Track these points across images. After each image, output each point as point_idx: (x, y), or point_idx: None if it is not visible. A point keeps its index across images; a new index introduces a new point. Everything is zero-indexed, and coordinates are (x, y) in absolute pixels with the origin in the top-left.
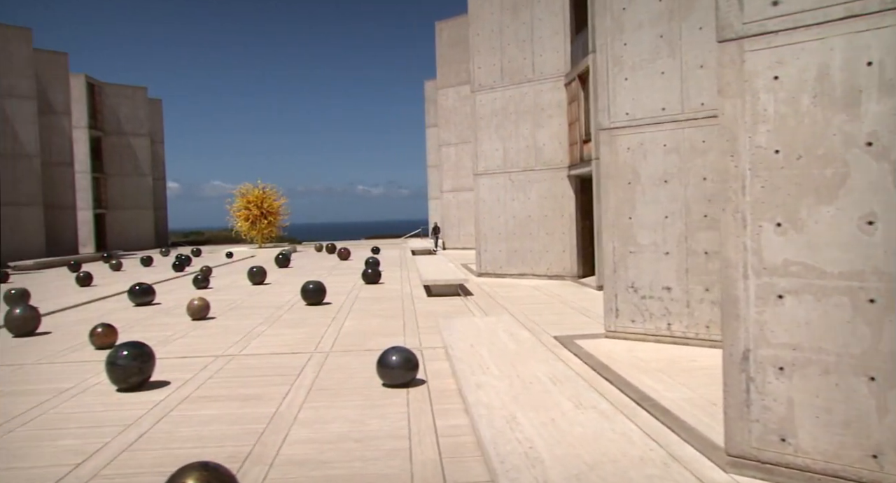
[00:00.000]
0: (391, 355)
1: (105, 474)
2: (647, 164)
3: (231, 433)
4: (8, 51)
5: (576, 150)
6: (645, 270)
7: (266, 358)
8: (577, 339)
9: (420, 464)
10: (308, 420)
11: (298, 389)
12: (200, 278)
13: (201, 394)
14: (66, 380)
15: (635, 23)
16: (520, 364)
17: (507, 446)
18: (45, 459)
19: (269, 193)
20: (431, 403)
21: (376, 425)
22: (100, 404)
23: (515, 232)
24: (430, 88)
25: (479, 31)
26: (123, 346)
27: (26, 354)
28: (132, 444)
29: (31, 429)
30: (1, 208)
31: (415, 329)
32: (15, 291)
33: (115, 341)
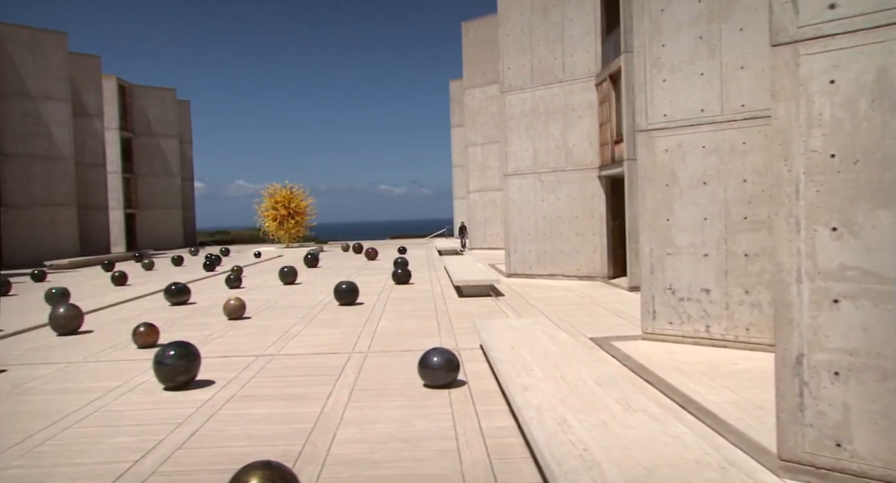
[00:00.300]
0: (433, 356)
1: (163, 471)
2: (686, 165)
3: (280, 432)
4: (44, 54)
5: (607, 150)
6: (683, 272)
7: (306, 358)
8: (614, 341)
9: (470, 465)
10: (354, 420)
11: (341, 390)
12: (233, 278)
13: (246, 393)
14: (113, 378)
15: (674, 24)
16: (563, 366)
17: (562, 449)
18: (102, 456)
19: (296, 193)
20: (474, 404)
21: (422, 426)
22: (149, 403)
23: (545, 232)
24: (455, 88)
25: (508, 31)
26: (170, 345)
27: (72, 353)
28: (185, 443)
29: (85, 426)
30: (38, 209)
31: (450, 330)
32: (56, 290)
33: (156, 340)
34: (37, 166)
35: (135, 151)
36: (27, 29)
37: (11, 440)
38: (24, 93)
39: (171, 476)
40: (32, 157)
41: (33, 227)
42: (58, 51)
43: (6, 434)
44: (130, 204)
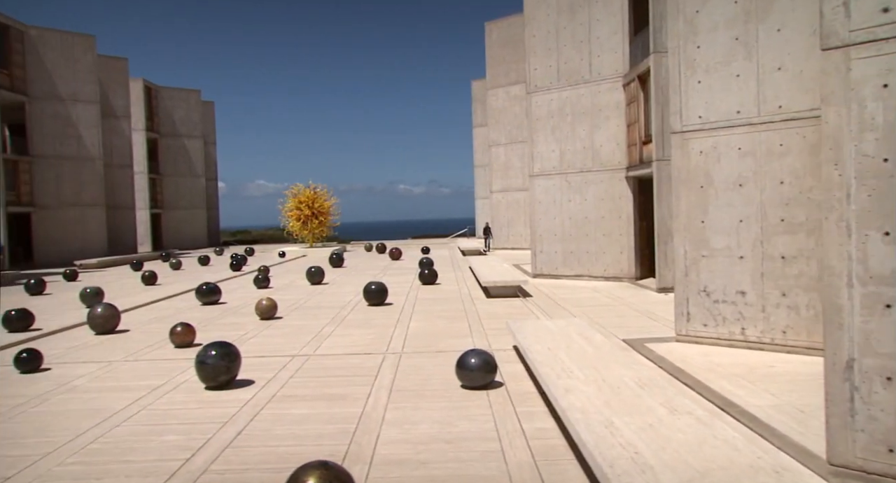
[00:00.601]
0: (470, 358)
1: (215, 469)
2: (721, 167)
3: (324, 432)
4: (73, 57)
5: (635, 151)
6: (718, 274)
7: (341, 358)
8: (648, 343)
9: (516, 466)
10: (396, 421)
11: (380, 390)
12: (261, 278)
13: (286, 393)
14: (155, 377)
15: (709, 25)
16: (602, 368)
17: (612, 451)
18: (154, 454)
19: (319, 193)
20: (514, 406)
21: (464, 427)
22: (193, 402)
23: (572, 233)
24: (477, 88)
25: (535, 32)
26: (211, 345)
27: (112, 352)
28: (233, 442)
29: (134, 424)
30: (68, 209)
31: (481, 331)
32: (90, 290)
33: (193, 340)
34: (66, 167)
35: (160, 152)
36: (58, 32)
37: (64, 437)
38: (55, 95)
39: (223, 474)
40: (62, 159)
41: (63, 227)
42: (87, 53)
43: (58, 431)
44: (156, 204)
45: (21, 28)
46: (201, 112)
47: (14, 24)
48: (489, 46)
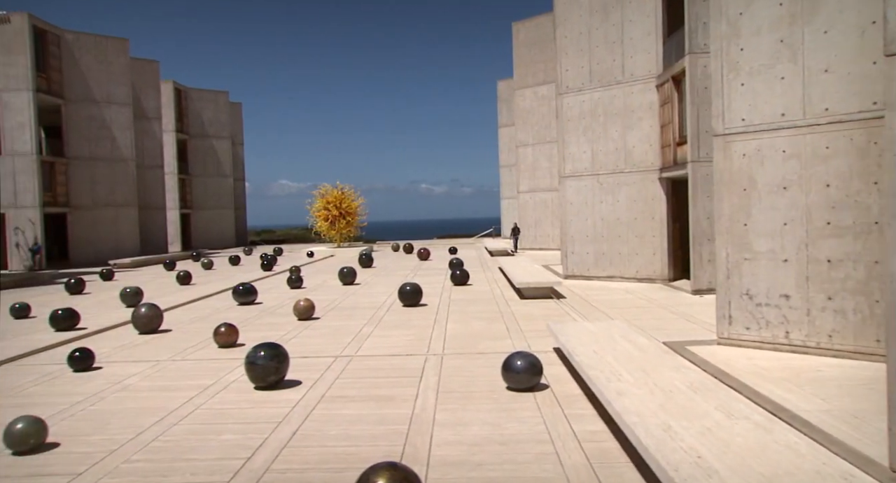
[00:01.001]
0: (516, 360)
1: (276, 469)
2: (765, 170)
3: (378, 433)
4: (107, 60)
5: (668, 152)
6: (761, 278)
7: (383, 359)
8: (689, 346)
9: (572, 469)
10: (447, 422)
11: (426, 392)
12: (294, 278)
13: (335, 394)
14: (203, 377)
15: (753, 28)
16: (651, 371)
17: (675, 456)
18: (215, 452)
19: (347, 194)
20: (562, 408)
21: (515, 429)
22: (244, 402)
23: (603, 234)
24: (503, 88)
25: (566, 33)
26: (261, 346)
27: (158, 351)
28: (290, 442)
29: (191, 423)
30: (102, 209)
31: (519, 332)
32: (130, 289)
33: (236, 340)
34: (100, 168)
35: (189, 153)
36: (92, 36)
37: (126, 435)
38: (90, 98)
39: (284, 473)
40: (97, 160)
41: (97, 227)
42: (120, 57)
43: (118, 429)
44: (185, 204)
45: (58, 33)
46: (229, 113)
47: (51, 29)
48: (516, 47)
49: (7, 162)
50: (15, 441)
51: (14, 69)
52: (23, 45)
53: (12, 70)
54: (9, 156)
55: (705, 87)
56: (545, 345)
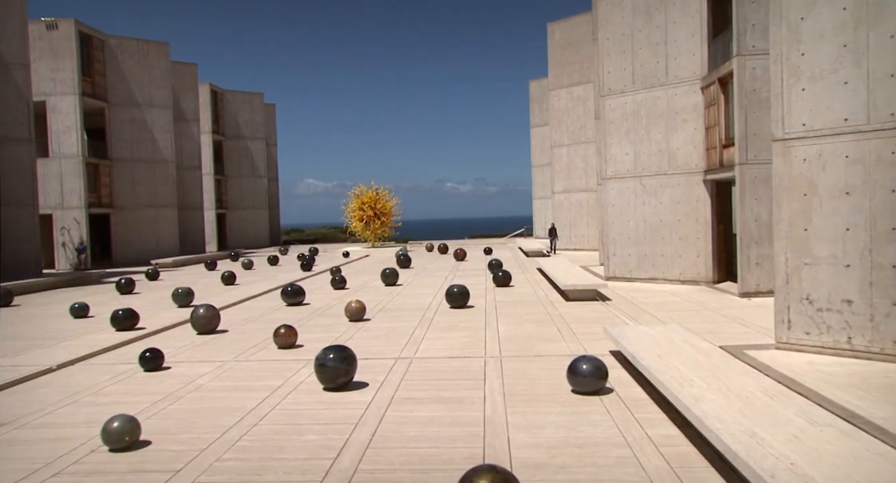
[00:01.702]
0: (582, 364)
1: (364, 469)
2: (827, 175)
3: (454, 435)
4: (149, 64)
5: (714, 154)
6: (822, 283)
7: (443, 361)
8: (747, 350)
9: (654, 472)
10: (520, 425)
11: (493, 394)
12: (337, 279)
13: (403, 396)
14: (271, 378)
15: (815, 33)
16: (721, 377)
17: (766, 462)
18: (302, 452)
19: (381, 194)
20: (631, 412)
21: (589, 432)
22: (317, 403)
23: (646, 236)
24: (535, 88)
25: (608, 35)
26: (330, 349)
27: (221, 352)
28: (371, 443)
29: (271, 423)
30: (143, 210)
31: (571, 335)
32: (181, 290)
33: (295, 341)
34: (142, 170)
35: (225, 153)
36: (135, 40)
37: (211, 434)
38: (132, 101)
39: (373, 474)
40: (138, 162)
41: (139, 227)
42: (161, 60)
43: (203, 428)
44: (221, 204)
45: (102, 38)
46: (264, 114)
47: (96, 34)
48: (551, 47)
49: (54, 164)
50: (112, 439)
51: (62, 74)
52: (70, 50)
53: (60, 75)
54: (56, 158)
55: (754, 89)
56: (601, 348)
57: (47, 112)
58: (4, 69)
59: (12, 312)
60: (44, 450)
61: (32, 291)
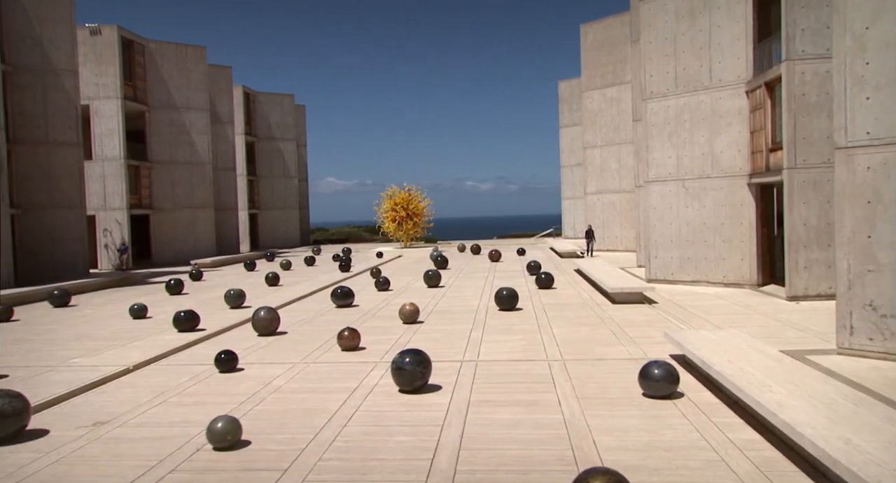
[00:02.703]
0: (654, 368)
1: (464, 469)
2: (891, 183)
3: (540, 438)
4: (187, 68)
5: (760, 158)
6: (886, 289)
7: (507, 365)
8: (808, 355)
9: (746, 476)
10: (601, 428)
11: (567, 398)
12: (382, 281)
13: (479, 398)
14: (344, 379)
15: (881, 42)
16: (798, 382)
17: (869, 469)
18: (398, 453)
19: (413, 195)
20: (706, 416)
21: (671, 435)
22: (397, 404)
23: (689, 239)
24: (564, 89)
25: (651, 39)
26: (406, 352)
27: (287, 353)
28: (463, 444)
29: (359, 425)
30: (181, 211)
31: (627, 338)
32: (233, 292)
33: (358, 344)
34: (180, 171)
35: (257, 154)
36: (173, 44)
37: (305, 434)
38: (171, 104)
39: (474, 474)
40: (177, 163)
41: (177, 227)
42: (198, 64)
43: (295, 429)
44: (253, 204)
45: (142, 43)
46: (294, 115)
47: (137, 39)
48: (584, 49)
49: (97, 166)
50: (217, 438)
51: (104, 78)
52: (113, 55)
53: (102, 79)
54: (99, 160)
55: (803, 93)
56: (659, 351)
57: (91, 116)
58: (54, 75)
59: (73, 312)
60: (151, 448)
61: (84, 291)
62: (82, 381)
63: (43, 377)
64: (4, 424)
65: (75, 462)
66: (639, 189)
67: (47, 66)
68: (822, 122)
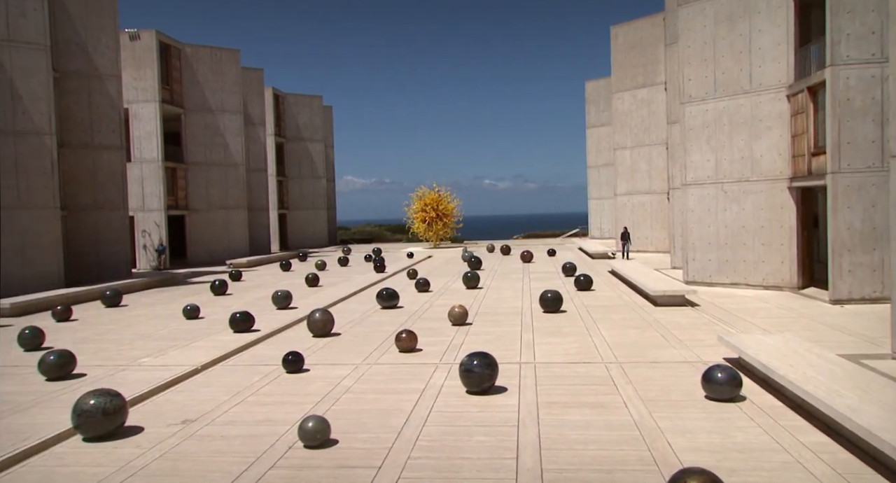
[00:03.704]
0: (717, 372)
1: (550, 469)
2: None
3: (615, 439)
4: (221, 71)
5: (801, 162)
6: None
7: (565, 367)
8: (864, 360)
9: (824, 478)
10: (673, 429)
11: (631, 399)
12: (421, 282)
13: (546, 400)
14: (409, 381)
15: None
16: (866, 387)
17: None
18: (481, 453)
19: (444, 196)
20: (772, 419)
21: (741, 437)
22: (468, 405)
23: (727, 242)
24: (591, 89)
25: (689, 43)
26: (475, 355)
27: (347, 355)
28: (543, 444)
29: (435, 425)
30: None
31: (677, 341)
32: (280, 293)
33: (415, 346)
34: (215, 173)
35: (286, 155)
36: (208, 48)
37: (388, 434)
38: (206, 107)
39: (562, 473)
40: (211, 165)
41: (211, 228)
42: (232, 67)
43: (378, 428)
44: (282, 204)
45: (179, 46)
46: (322, 117)
47: (174, 43)
48: (615, 50)
49: (136, 168)
50: (308, 436)
51: (143, 82)
52: (151, 60)
53: (141, 83)
54: (137, 163)
55: (847, 98)
56: (712, 354)
57: (130, 119)
58: (99, 81)
59: (126, 312)
60: (245, 445)
61: (130, 292)
62: (158, 380)
63: (119, 376)
64: (108, 421)
65: (177, 458)
66: (674, 191)
67: (92, 72)
68: (866, 126)
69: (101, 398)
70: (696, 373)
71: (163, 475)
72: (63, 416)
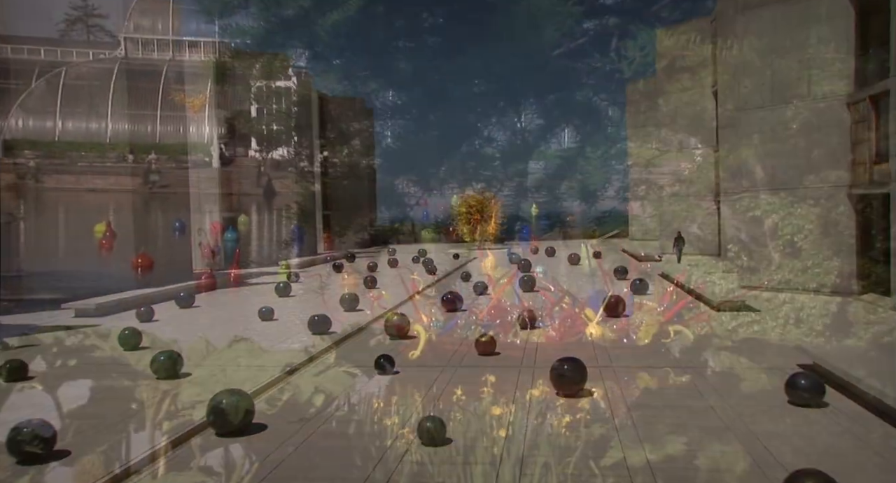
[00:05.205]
0: (801, 378)
1: (659, 467)
2: None
3: (710, 440)
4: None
5: (862, 170)
6: None
7: (643, 370)
8: None
9: None
10: (767, 434)
11: (718, 403)
12: (478, 286)
13: (633, 402)
14: (499, 384)
15: None
16: None
17: None
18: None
19: (487, 197)
20: (861, 424)
21: (836, 442)
22: (560, 409)
23: (784, 248)
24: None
25: (745, 49)
26: (565, 360)
27: (428, 357)
28: (642, 445)
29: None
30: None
31: (747, 347)
32: (348, 295)
33: (493, 349)
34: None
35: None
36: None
37: (496, 434)
38: None
39: (664, 472)
40: None
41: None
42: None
43: (485, 428)
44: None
45: None
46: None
47: None
48: (660, 53)
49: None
50: (425, 436)
51: None
52: None
53: None
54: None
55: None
56: (785, 361)
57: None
58: None
59: (201, 313)
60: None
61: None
62: (260, 380)
63: (221, 376)
64: (244, 418)
65: (311, 454)
66: (727, 196)
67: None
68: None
69: (235, 397)
70: (774, 378)
71: (305, 470)
72: (188, 412)
